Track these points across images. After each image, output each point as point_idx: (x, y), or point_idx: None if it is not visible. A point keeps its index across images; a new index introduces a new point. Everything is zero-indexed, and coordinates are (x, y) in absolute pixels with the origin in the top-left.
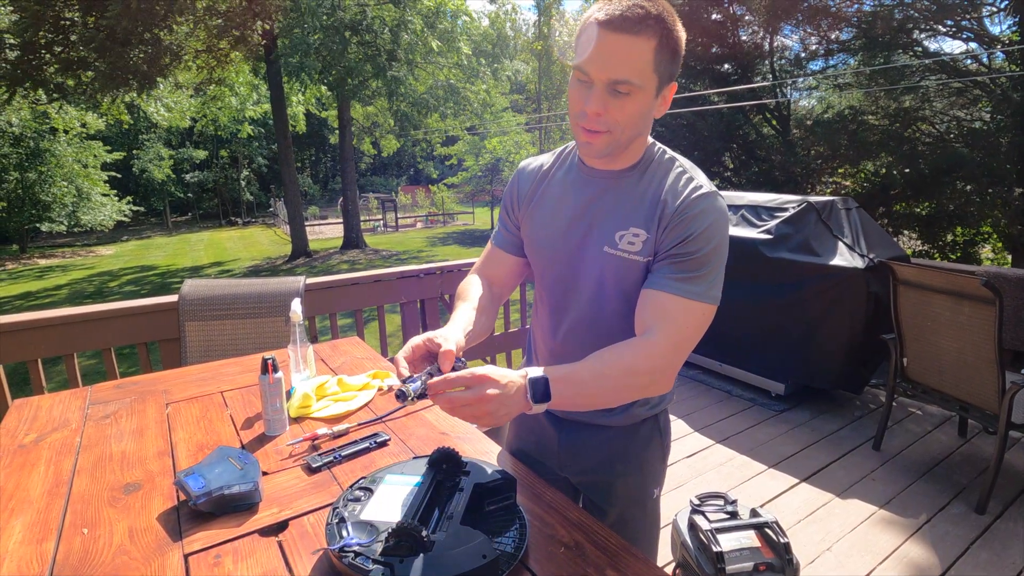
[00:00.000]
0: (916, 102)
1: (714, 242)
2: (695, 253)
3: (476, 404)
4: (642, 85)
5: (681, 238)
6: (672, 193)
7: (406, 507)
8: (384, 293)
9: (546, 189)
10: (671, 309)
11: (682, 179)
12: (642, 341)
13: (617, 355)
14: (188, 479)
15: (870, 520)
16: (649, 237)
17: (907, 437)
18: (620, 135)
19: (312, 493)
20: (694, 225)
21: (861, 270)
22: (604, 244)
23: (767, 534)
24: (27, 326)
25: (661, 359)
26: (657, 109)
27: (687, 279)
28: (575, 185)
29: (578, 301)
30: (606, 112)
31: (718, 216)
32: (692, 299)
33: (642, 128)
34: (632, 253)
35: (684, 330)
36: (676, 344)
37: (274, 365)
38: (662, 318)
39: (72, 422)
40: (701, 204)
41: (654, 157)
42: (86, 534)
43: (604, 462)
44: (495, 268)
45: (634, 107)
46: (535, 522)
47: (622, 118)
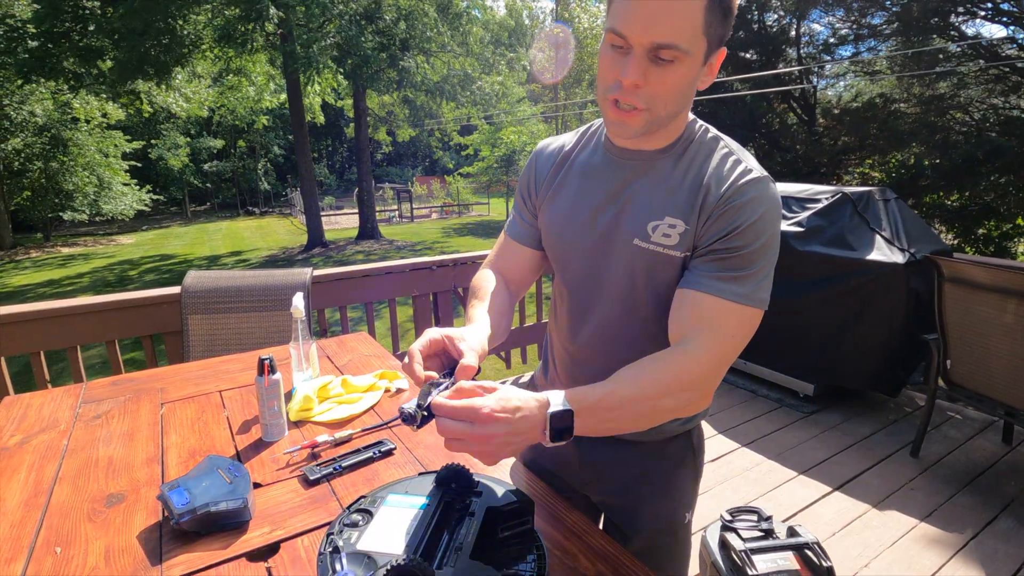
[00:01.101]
0: (951, 89)
1: (765, 236)
2: (742, 249)
3: (473, 442)
4: (689, 51)
5: (727, 231)
6: (716, 178)
7: (409, 536)
8: (396, 286)
9: (567, 173)
10: (713, 314)
11: (728, 161)
12: (680, 354)
13: (652, 373)
14: (172, 493)
15: (911, 534)
16: (688, 229)
17: (947, 443)
18: (660, 111)
19: (308, 510)
20: (742, 216)
21: (901, 265)
22: (635, 236)
23: (807, 556)
24: (28, 318)
25: (702, 374)
26: (702, 79)
27: (732, 279)
28: (601, 168)
29: (603, 301)
30: (645, 84)
31: (770, 206)
32: (737, 302)
33: (685, 103)
34: (667, 247)
35: (728, 339)
36: (719, 356)
37: (271, 366)
38: (703, 325)
39: (61, 422)
40: (751, 191)
41: (695, 136)
42: (59, 554)
43: (629, 483)
44: (510, 262)
45: (678, 78)
46: (555, 550)
47: (663, 91)
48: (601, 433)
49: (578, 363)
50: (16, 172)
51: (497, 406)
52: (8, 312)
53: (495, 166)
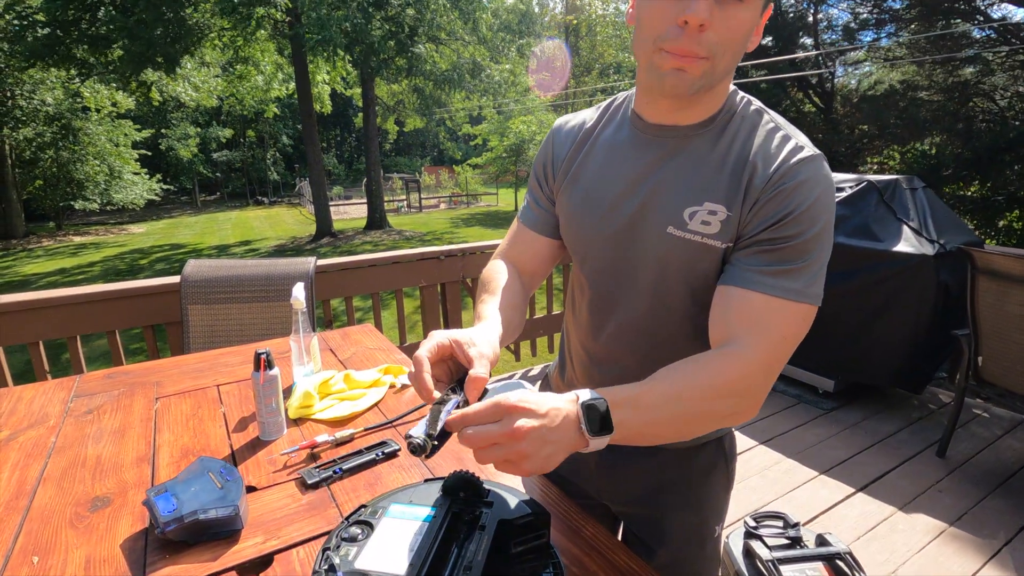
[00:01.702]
0: (975, 75)
1: (820, 223)
2: (795, 238)
3: (507, 443)
4: None
5: (777, 217)
6: (764, 156)
7: (413, 553)
8: (403, 276)
9: (589, 153)
10: (763, 313)
11: (776, 137)
12: (727, 355)
13: (695, 372)
14: (158, 499)
15: (940, 539)
16: (731, 215)
17: (975, 443)
18: (719, 63)
19: (305, 517)
20: (795, 200)
21: (930, 257)
22: (668, 223)
23: (839, 567)
24: (26, 307)
25: (752, 378)
26: (753, 41)
27: (783, 272)
28: (629, 146)
29: (628, 295)
30: (710, 25)
31: (825, 188)
32: (791, 299)
33: (738, 58)
34: (707, 236)
35: (781, 340)
36: (771, 359)
37: (268, 360)
38: (752, 325)
39: (51, 417)
40: (803, 171)
41: (736, 108)
42: (35, 564)
43: (653, 493)
44: (523, 252)
45: (742, 23)
46: (573, 567)
47: (727, 36)
48: (642, 440)
49: (598, 363)
50: (28, 161)
51: (521, 397)
52: (6, 301)
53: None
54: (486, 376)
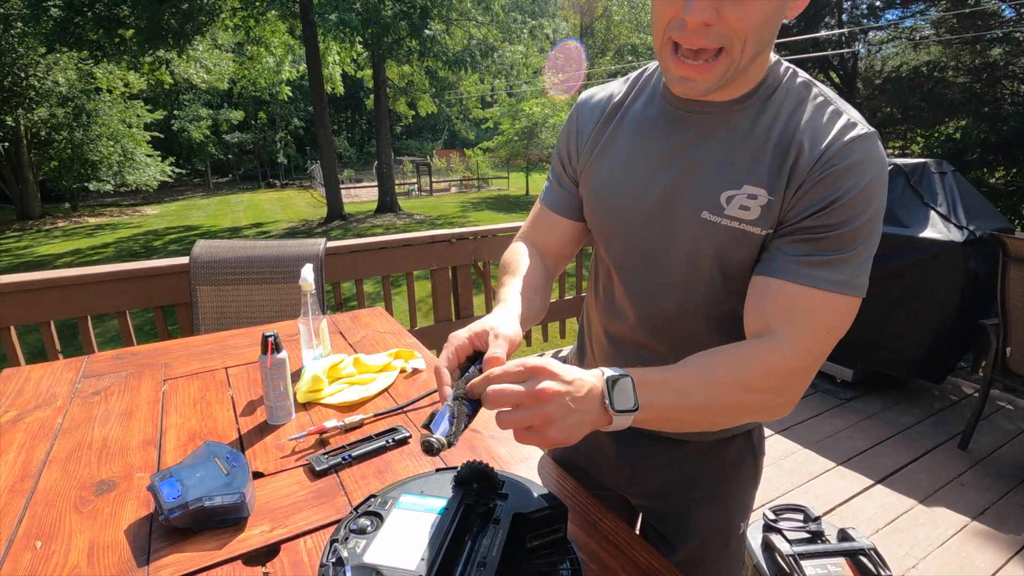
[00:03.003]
0: (1004, 56)
1: (871, 209)
2: (843, 226)
3: (532, 404)
4: None
5: (825, 203)
6: (812, 134)
7: (424, 547)
8: (414, 258)
9: (616, 129)
10: (804, 305)
11: (825, 113)
12: (765, 346)
13: (730, 361)
14: (163, 485)
15: (962, 533)
16: (772, 200)
17: (998, 436)
18: (739, 54)
19: (313, 505)
20: (845, 183)
21: (959, 244)
22: (703, 208)
23: (862, 563)
24: (36, 286)
25: (791, 372)
26: (792, 9)
27: (828, 263)
28: (660, 122)
29: (655, 282)
30: (718, 19)
31: (879, 170)
32: (835, 291)
33: (770, 40)
34: (746, 222)
35: (823, 333)
36: (812, 353)
37: (276, 343)
38: (792, 317)
39: (59, 398)
40: (856, 151)
41: (780, 81)
42: (38, 549)
43: (675, 487)
44: (546, 234)
45: (761, 9)
46: (591, 563)
47: (743, 26)
48: (668, 426)
49: (620, 350)
50: (43, 142)
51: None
52: (16, 280)
53: (516, 139)
54: (502, 357)
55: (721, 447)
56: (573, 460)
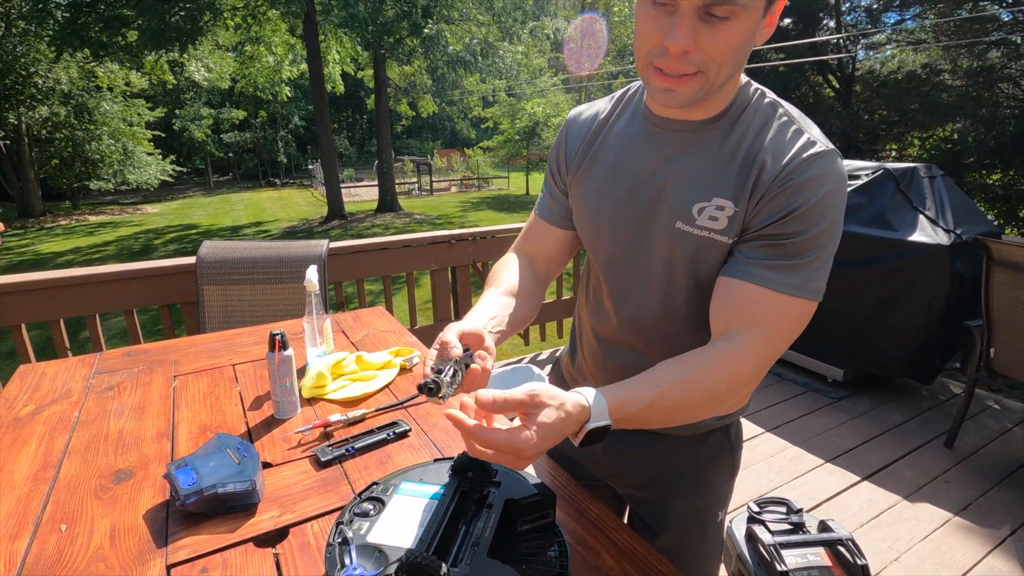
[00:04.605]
0: (1001, 60)
1: (827, 220)
2: (800, 234)
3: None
4: (749, 4)
5: (783, 212)
6: (774, 150)
7: (422, 529)
8: (414, 259)
9: (602, 145)
10: (762, 308)
11: (788, 132)
12: (725, 353)
13: (693, 375)
14: (179, 473)
15: (944, 528)
16: (737, 210)
17: (984, 434)
18: (715, 76)
19: (319, 493)
20: (802, 196)
21: (945, 247)
22: (678, 219)
23: (840, 553)
24: (46, 285)
25: (748, 374)
26: (761, 34)
27: (784, 268)
28: (639, 140)
29: (638, 287)
30: (696, 47)
31: (835, 185)
32: (790, 294)
33: (743, 62)
34: (714, 231)
35: (778, 335)
36: (767, 354)
37: (283, 341)
38: (750, 320)
39: (74, 393)
40: (813, 167)
41: (749, 101)
42: (63, 532)
43: (658, 478)
44: (539, 244)
45: (736, 36)
46: (577, 546)
47: (717, 53)
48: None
49: (608, 349)
50: (44, 140)
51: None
52: (27, 280)
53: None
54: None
55: (700, 442)
56: (565, 452)
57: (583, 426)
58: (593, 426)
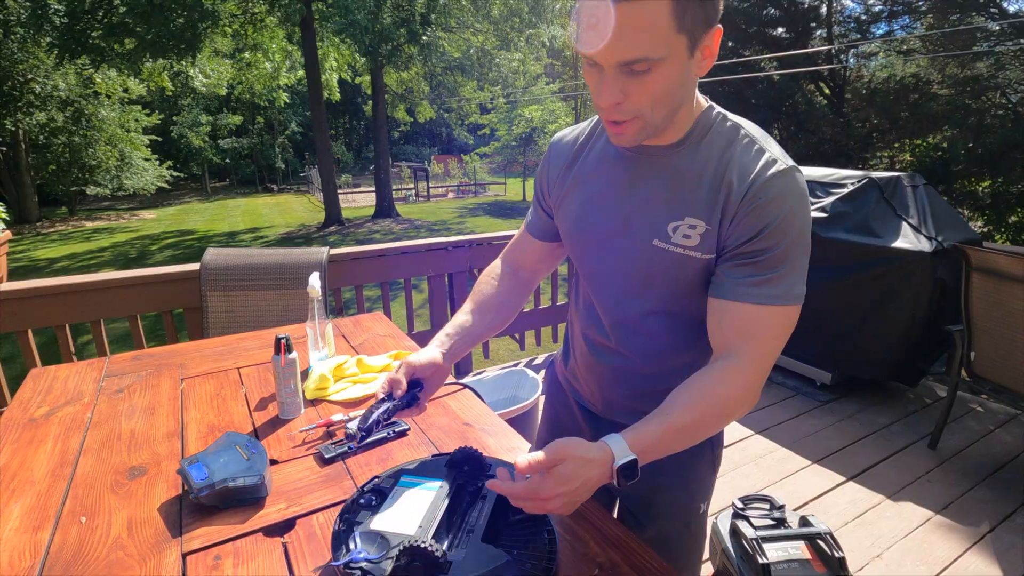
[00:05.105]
0: (989, 69)
1: (793, 232)
2: (772, 249)
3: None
4: (665, 55)
5: (753, 232)
6: (739, 172)
7: (421, 517)
8: (412, 266)
9: (581, 167)
10: (752, 323)
11: (750, 152)
12: (728, 370)
13: (708, 395)
14: (192, 468)
15: (925, 526)
16: (710, 229)
17: (967, 436)
18: (653, 118)
19: (323, 487)
20: (768, 214)
21: (927, 254)
22: (655, 236)
23: (819, 546)
24: (53, 291)
25: (751, 383)
26: (698, 68)
27: (765, 282)
28: (614, 163)
29: (619, 298)
30: (626, 99)
31: (797, 200)
32: (775, 304)
33: (682, 98)
34: (688, 248)
35: (771, 341)
36: (764, 361)
37: (287, 344)
38: (744, 336)
39: (86, 395)
40: (775, 186)
41: (711, 125)
42: (83, 523)
43: (646, 473)
44: (524, 254)
45: (661, 82)
46: (566, 536)
47: (648, 99)
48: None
49: (597, 352)
50: (41, 146)
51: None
52: (34, 286)
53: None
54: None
55: None
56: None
57: (613, 467)
58: (621, 463)
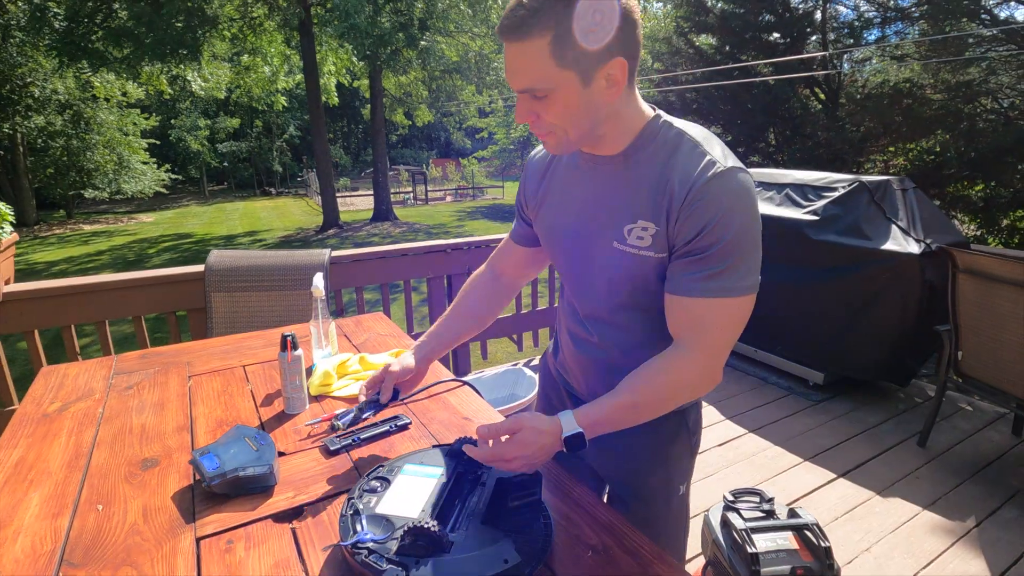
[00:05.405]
0: (980, 75)
1: (734, 227)
2: (715, 245)
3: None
4: (553, 86)
5: (696, 231)
6: (681, 177)
7: (424, 502)
8: (411, 268)
9: (551, 180)
10: (702, 314)
11: (692, 157)
12: (677, 358)
13: (651, 381)
14: (203, 459)
15: (913, 521)
16: (659, 230)
17: (956, 434)
18: (568, 134)
19: (329, 477)
20: (708, 213)
21: (916, 256)
22: (614, 239)
23: (806, 536)
24: (60, 293)
25: (701, 370)
26: (604, 94)
27: (712, 276)
28: (579, 173)
29: (592, 296)
30: (537, 118)
31: (735, 197)
32: (724, 296)
33: (596, 118)
34: (642, 248)
35: (721, 332)
36: (715, 349)
37: (293, 342)
38: (694, 327)
39: (96, 392)
40: (713, 187)
41: (656, 133)
42: (100, 511)
43: (627, 456)
44: (506, 260)
45: (560, 107)
46: (561, 521)
47: (555, 119)
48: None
49: (578, 344)
50: (39, 149)
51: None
52: (41, 287)
53: (511, 148)
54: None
55: (659, 425)
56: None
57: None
58: (567, 435)
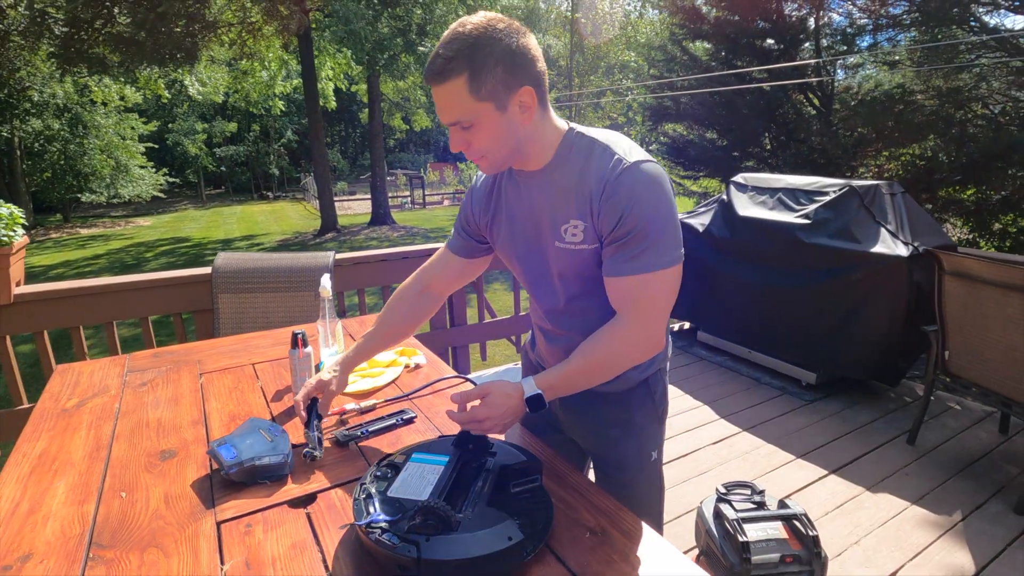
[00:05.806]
0: (971, 81)
1: (646, 212)
2: (633, 230)
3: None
4: (474, 118)
5: (615, 222)
6: (595, 177)
7: (433, 486)
8: (411, 270)
9: (497, 199)
10: (631, 290)
11: (603, 158)
12: (618, 328)
13: (596, 348)
14: (220, 449)
15: (901, 515)
16: (587, 225)
17: (944, 432)
18: (496, 155)
19: (340, 467)
20: (621, 205)
21: (904, 258)
22: (555, 239)
23: (795, 526)
24: (70, 294)
25: (638, 336)
26: (523, 118)
27: (636, 256)
28: (517, 189)
29: (551, 292)
30: (468, 145)
31: (642, 186)
32: (648, 272)
33: (518, 140)
34: (577, 243)
35: (652, 303)
36: (647, 318)
37: (303, 339)
38: (629, 301)
39: (111, 388)
40: (623, 181)
41: (572, 144)
42: (124, 498)
43: (601, 425)
44: (442, 270)
45: (486, 133)
46: (560, 505)
47: (482, 145)
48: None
49: (547, 335)
50: (36, 153)
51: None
52: (51, 289)
53: None
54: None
55: (625, 396)
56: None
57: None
58: (527, 396)
